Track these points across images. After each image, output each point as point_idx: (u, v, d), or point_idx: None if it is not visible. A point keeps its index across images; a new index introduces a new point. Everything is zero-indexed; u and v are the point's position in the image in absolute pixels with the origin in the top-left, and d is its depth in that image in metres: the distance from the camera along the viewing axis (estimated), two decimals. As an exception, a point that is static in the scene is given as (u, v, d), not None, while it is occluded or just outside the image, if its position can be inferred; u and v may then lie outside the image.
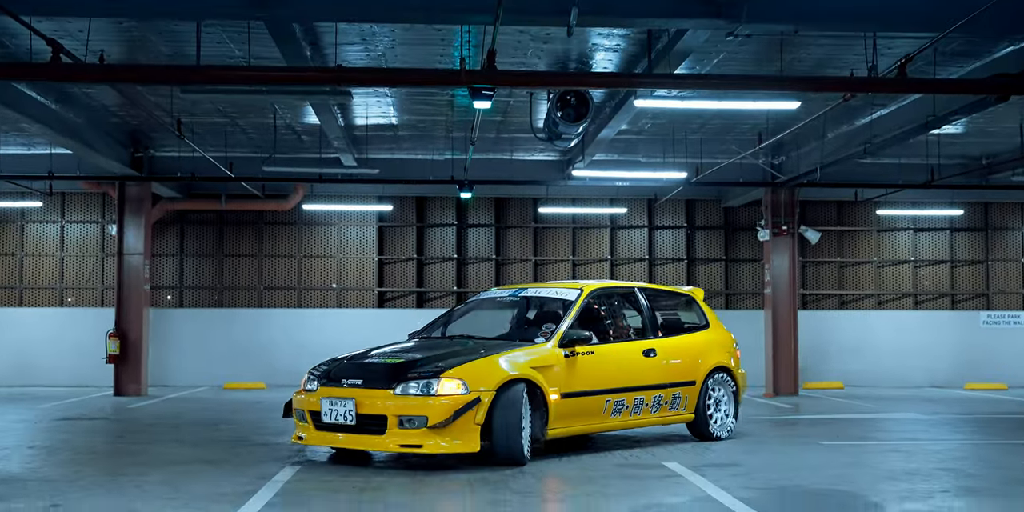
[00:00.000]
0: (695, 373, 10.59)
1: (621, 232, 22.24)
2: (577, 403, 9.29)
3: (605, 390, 9.58)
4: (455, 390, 8.39)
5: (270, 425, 12.46)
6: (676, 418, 10.50)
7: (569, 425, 9.29)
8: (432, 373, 8.51)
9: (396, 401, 8.47)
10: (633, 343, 10.21)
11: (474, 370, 8.60)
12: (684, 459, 9.26)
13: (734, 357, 11.24)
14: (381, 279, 21.80)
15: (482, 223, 22.04)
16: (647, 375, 10.07)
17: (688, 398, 10.50)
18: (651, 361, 10.16)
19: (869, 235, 22.46)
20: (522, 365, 8.86)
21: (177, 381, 20.61)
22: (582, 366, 9.37)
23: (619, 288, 11.03)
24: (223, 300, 21.63)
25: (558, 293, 10.24)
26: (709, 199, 22.10)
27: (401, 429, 8.38)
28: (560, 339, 9.31)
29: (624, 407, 9.80)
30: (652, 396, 10.08)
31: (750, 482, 7.97)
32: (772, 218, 18.71)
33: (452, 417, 8.28)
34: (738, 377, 11.17)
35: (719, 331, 11.39)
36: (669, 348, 10.43)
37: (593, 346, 9.58)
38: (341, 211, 21.67)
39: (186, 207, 20.93)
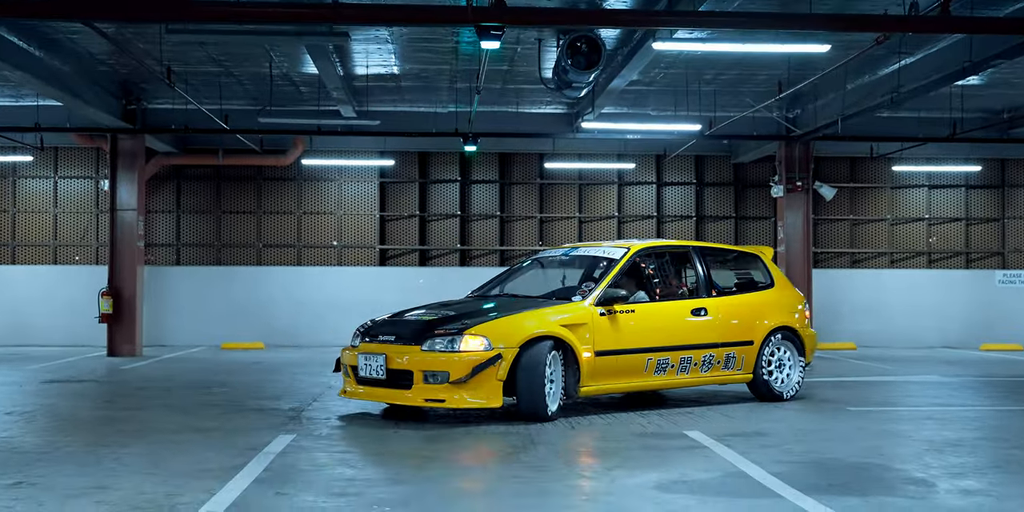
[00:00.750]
0: (753, 333, 10.31)
1: (629, 189, 21.41)
2: (613, 361, 9.19)
3: (646, 349, 9.43)
4: (477, 347, 8.50)
5: (267, 388, 11.74)
6: (731, 378, 10.24)
7: (605, 383, 9.21)
8: (457, 330, 8.64)
9: (422, 357, 8.64)
10: (680, 302, 9.97)
11: (498, 328, 8.69)
12: (708, 427, 8.54)
13: (801, 317, 10.82)
14: (383, 236, 21.02)
15: (486, 179, 21.21)
16: (695, 334, 9.85)
17: (745, 358, 10.23)
18: (701, 321, 9.93)
19: (882, 192, 21.64)
20: (551, 323, 8.86)
21: (174, 341, 19.90)
22: (619, 325, 9.27)
23: (671, 247, 10.69)
24: (221, 258, 20.86)
25: (605, 252, 10.08)
26: (719, 155, 21.26)
27: (426, 384, 8.57)
28: (597, 298, 9.22)
29: (669, 366, 9.62)
30: (702, 355, 9.85)
31: (781, 455, 7.24)
32: (786, 174, 17.87)
33: (471, 373, 8.42)
34: (805, 337, 10.74)
35: (784, 290, 10.97)
36: (722, 308, 10.17)
37: (634, 305, 9.50)
38: (341, 166, 20.84)
39: (182, 162, 20.11)
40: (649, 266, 10.10)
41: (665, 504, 5.67)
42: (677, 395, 11.04)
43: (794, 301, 10.92)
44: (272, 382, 12.51)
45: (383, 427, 8.57)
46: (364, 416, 9.27)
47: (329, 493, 5.94)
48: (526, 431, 8.32)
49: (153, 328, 19.81)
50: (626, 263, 9.76)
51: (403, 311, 9.96)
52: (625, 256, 9.82)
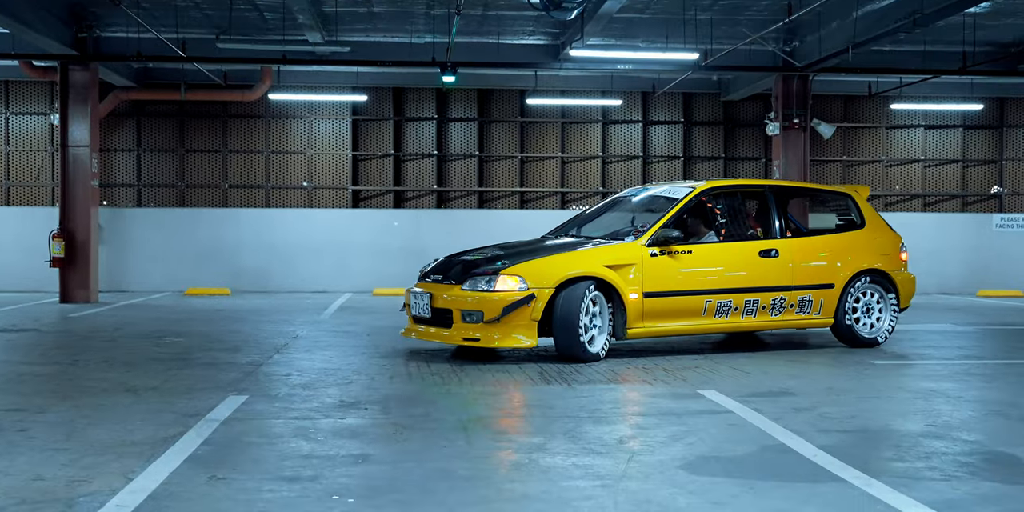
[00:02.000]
0: (834, 276, 9.69)
1: (613, 128, 19.99)
2: (665, 303, 8.87)
3: (704, 290, 9.04)
4: (512, 287, 8.37)
5: (226, 338, 10.38)
6: (807, 322, 9.66)
7: (655, 324, 8.89)
8: (494, 270, 8.52)
9: (461, 296, 8.54)
10: (748, 243, 9.42)
11: (535, 268, 8.54)
12: (727, 386, 7.27)
13: (894, 259, 10.09)
14: (355, 177, 19.56)
15: (464, 117, 19.73)
16: (764, 277, 9.32)
17: (823, 302, 9.64)
18: (770, 262, 9.37)
19: (877, 132, 20.33)
20: (592, 263, 8.62)
21: (135, 287, 18.46)
22: (673, 266, 8.92)
23: (744, 187, 10.07)
24: (185, 199, 19.36)
25: (670, 192, 9.64)
26: (708, 92, 19.84)
27: (464, 323, 8.50)
28: (649, 238, 8.88)
29: (731, 309, 9.16)
30: (771, 298, 9.34)
31: (820, 421, 5.97)
32: (783, 110, 16.48)
33: (503, 312, 8.26)
34: (898, 281, 10.02)
35: (876, 231, 10.17)
36: (797, 249, 9.58)
37: (693, 245, 9.15)
38: (312, 102, 19.29)
39: (142, 97, 18.50)
40: (716, 206, 9.53)
41: (701, 492, 4.38)
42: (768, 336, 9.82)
43: (887, 243, 10.13)
44: (233, 332, 11.16)
45: (352, 382, 7.26)
46: (334, 372, 7.95)
47: (278, 476, 4.63)
48: (555, 375, 7.02)
49: (113, 273, 18.37)
50: (687, 203, 9.29)
51: (463, 251, 9.65)
52: (687, 196, 9.33)
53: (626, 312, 8.64)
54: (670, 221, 9.07)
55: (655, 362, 8.65)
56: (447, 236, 18.40)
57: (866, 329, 9.79)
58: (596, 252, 8.78)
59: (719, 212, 9.51)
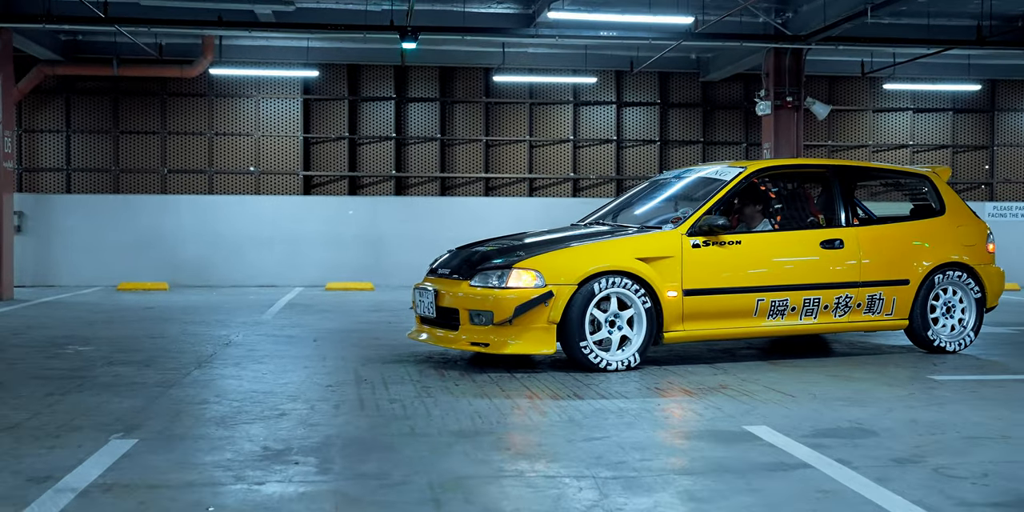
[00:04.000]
0: (908, 270, 8.09)
1: (585, 109, 18.06)
2: (710, 302, 7.31)
3: (755, 288, 7.46)
4: (527, 283, 6.89)
5: (142, 347, 8.31)
6: (877, 324, 8.02)
7: (698, 327, 7.32)
8: (507, 264, 7.04)
9: (468, 293, 7.06)
10: (807, 232, 7.86)
11: (555, 261, 7.03)
12: (779, 419, 5.36)
13: (979, 251, 8.42)
14: (307, 161, 17.48)
15: (425, 96, 17.70)
16: (826, 271, 7.76)
17: (896, 300, 8.03)
18: (834, 254, 7.79)
19: (864, 116, 18.56)
20: (622, 256, 7.08)
21: (65, 280, 16.28)
22: (719, 258, 7.36)
23: (802, 167, 8.70)
24: (119, 185, 17.17)
25: (718, 173, 7.97)
26: (686, 72, 17.96)
27: (472, 325, 7.00)
28: (691, 226, 7.33)
29: (788, 309, 7.58)
30: (834, 296, 7.74)
31: (947, 485, 4.05)
32: (775, 88, 14.61)
33: (515, 313, 6.77)
34: (984, 276, 8.35)
35: (958, 219, 8.49)
36: (866, 239, 7.96)
37: (742, 235, 7.57)
38: (258, 78, 17.18)
39: (70, 72, 16.29)
40: (771, 190, 8.15)
41: None
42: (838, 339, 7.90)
43: (971, 232, 8.47)
44: (154, 338, 9.10)
45: (284, 415, 5.26)
46: (264, 397, 5.94)
47: None
48: (555, 398, 5.06)
49: (38, 266, 16.20)
50: (736, 187, 7.69)
51: (478, 241, 8.06)
52: (736, 178, 7.72)
53: (662, 313, 7.10)
54: (715, 207, 7.49)
55: (667, 376, 6.73)
56: (406, 225, 16.44)
57: (945, 331, 8.20)
58: (627, 242, 7.27)
59: (774, 196, 8.11)
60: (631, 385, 6.44)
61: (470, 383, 6.51)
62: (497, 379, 6.68)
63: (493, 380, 6.64)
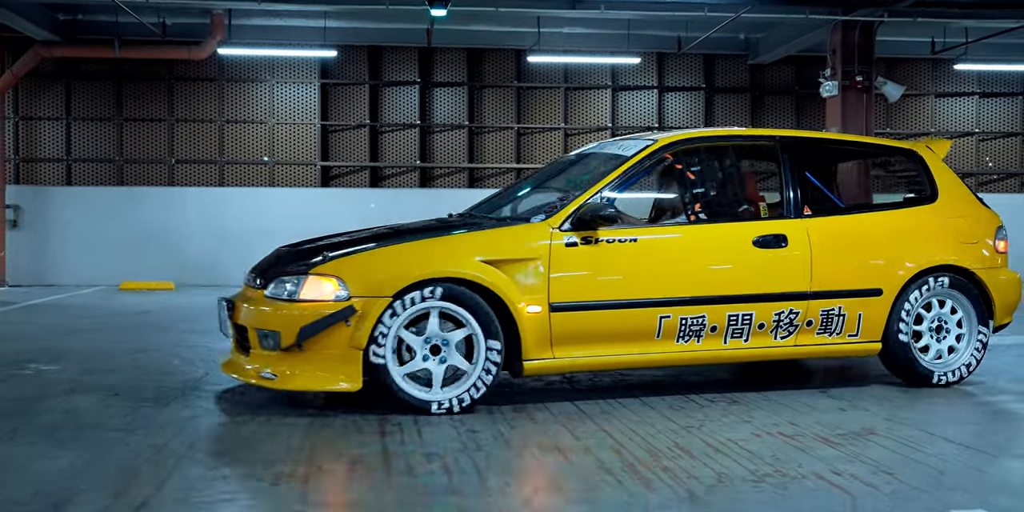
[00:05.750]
0: (882, 276, 5.87)
1: (624, 95, 16.33)
2: (589, 320, 5.28)
3: (656, 300, 5.38)
4: (327, 293, 4.96)
5: (118, 367, 6.64)
6: (835, 348, 5.82)
7: (575, 354, 5.27)
8: (307, 267, 5.11)
9: (258, 306, 5.17)
10: (734, 226, 5.72)
11: (364, 265, 5.09)
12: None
13: (986, 250, 6.16)
14: (325, 151, 15.82)
15: (452, 81, 16.00)
16: (761, 277, 5.62)
17: (864, 317, 5.81)
18: (773, 255, 5.65)
19: (925, 101, 16.76)
20: (459, 258, 5.13)
21: (63, 279, 14.67)
22: (604, 261, 5.33)
23: (735, 139, 6.40)
24: (123, 176, 15.56)
25: (621, 148, 5.86)
26: (734, 54, 16.20)
27: (263, 349, 5.09)
28: (565, 218, 5.30)
29: (706, 328, 5.48)
30: (773, 312, 5.60)
31: None
32: (842, 67, 12.81)
33: (299, 336, 4.86)
34: (990, 284, 6.10)
35: (956, 208, 6.21)
36: (820, 234, 5.78)
37: (640, 229, 5.59)
38: (272, 60, 15.52)
39: (69, 54, 14.65)
40: (691, 169, 5.89)
41: None
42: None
43: (973, 225, 6.16)
44: (138, 352, 7.44)
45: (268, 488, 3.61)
46: (258, 442, 4.28)
47: None
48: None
49: (35, 264, 14.62)
50: (637, 165, 5.61)
51: (328, 235, 6.06)
52: (637, 154, 5.65)
53: (520, 335, 5.11)
54: (602, 193, 5.44)
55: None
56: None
57: (936, 361, 5.99)
58: (470, 240, 5.31)
59: (693, 178, 5.92)
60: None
61: (528, 423, 4.83)
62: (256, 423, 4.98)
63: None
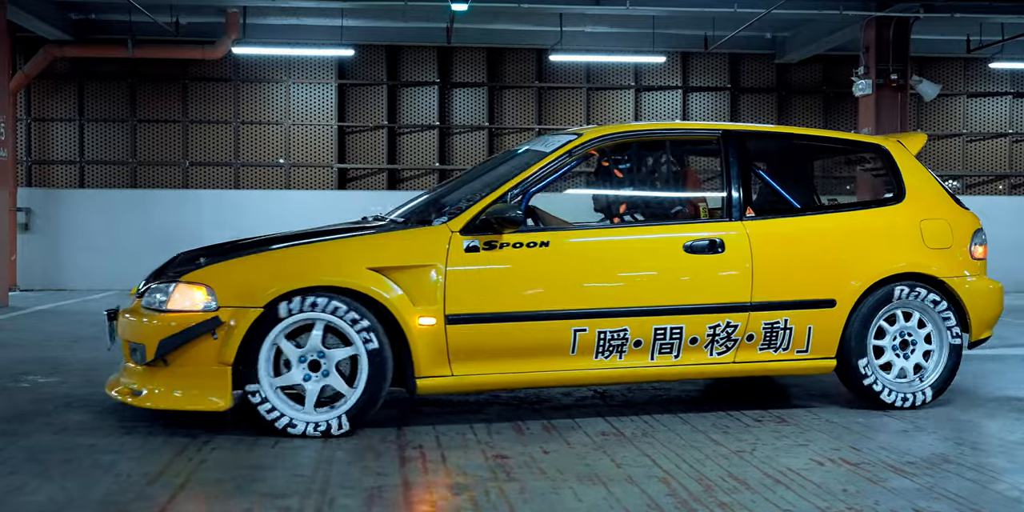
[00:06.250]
0: (836, 285, 5.16)
1: (647, 95, 15.85)
2: (492, 333, 4.67)
3: (571, 312, 4.77)
4: (195, 303, 4.46)
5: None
6: (782, 365, 5.10)
7: (477, 371, 4.66)
8: (178, 274, 4.59)
9: (130, 317, 4.67)
10: (661, 229, 5.08)
11: (236, 272, 4.55)
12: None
13: (960, 256, 5.40)
14: (342, 153, 15.39)
15: (472, 81, 15.56)
16: (693, 286, 4.95)
17: (815, 330, 5.11)
18: (708, 261, 4.98)
19: (956, 101, 16.21)
20: (344, 264, 4.57)
21: (76, 283, 14.30)
22: (511, 268, 4.72)
23: (675, 133, 5.74)
24: (137, 179, 15.18)
25: (544, 144, 5.26)
26: (760, 53, 15.71)
27: (134, 363, 4.64)
28: (469, 220, 4.71)
29: (628, 343, 4.84)
30: (707, 324, 4.95)
31: None
32: (876, 64, 12.30)
33: (159, 350, 4.41)
34: (963, 294, 5.34)
35: (925, 209, 5.45)
36: (763, 239, 5.09)
37: (553, 233, 4.86)
38: (289, 59, 15.13)
39: (82, 54, 14.29)
40: (618, 167, 5.46)
41: None
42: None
43: (943, 228, 5.41)
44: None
45: None
46: (259, 470, 3.82)
47: None
48: None
49: (47, 268, 14.25)
50: (555, 162, 4.96)
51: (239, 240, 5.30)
52: (557, 150, 5.02)
53: (411, 350, 4.55)
54: (512, 192, 4.80)
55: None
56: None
57: (896, 380, 5.25)
58: (359, 245, 4.70)
59: (621, 176, 5.42)
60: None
61: (562, 446, 4.35)
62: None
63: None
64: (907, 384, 5.25)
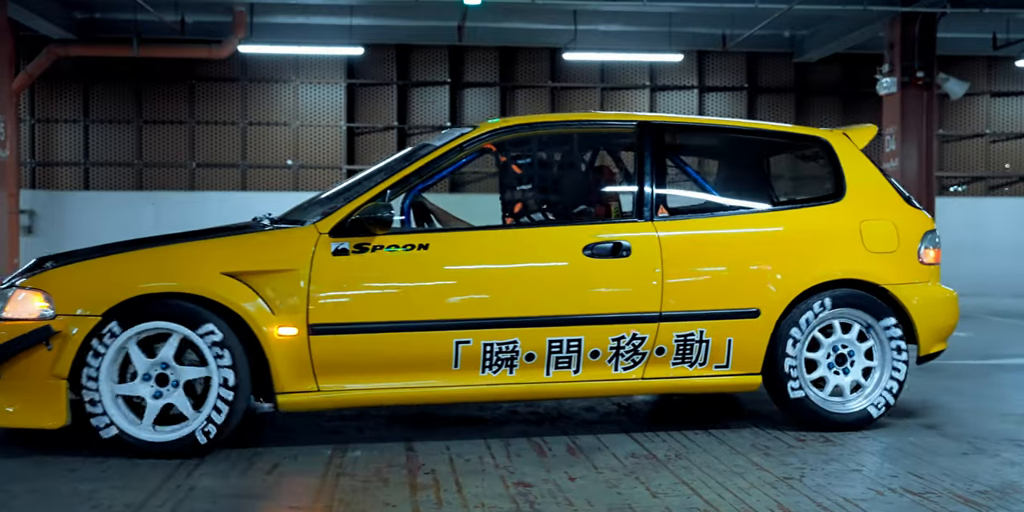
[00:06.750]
0: (759, 293, 4.57)
1: (662, 95, 15.41)
2: (363, 345, 4.19)
3: (453, 321, 4.25)
4: (32, 310, 4.00)
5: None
6: (702, 381, 4.55)
7: (347, 386, 4.18)
8: (18, 279, 4.17)
9: None
10: (559, 230, 4.57)
11: (76, 277, 4.11)
12: None
13: (905, 261, 4.76)
14: (351, 154, 14.99)
15: (483, 81, 15.14)
16: (595, 294, 4.41)
17: (735, 343, 4.53)
18: (611, 266, 4.43)
19: (978, 101, 15.73)
20: (193, 269, 4.11)
21: (79, 287, 13.88)
22: (383, 272, 4.23)
23: (583, 125, 5.04)
24: (143, 181, 14.79)
25: (444, 136, 4.75)
26: (778, 52, 15.25)
27: None
28: (338, 221, 4.23)
29: (519, 357, 4.30)
30: (610, 337, 4.38)
31: None
32: (901, 62, 11.83)
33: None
34: (909, 303, 4.71)
35: (867, 209, 4.82)
36: (675, 242, 4.53)
37: (433, 234, 4.42)
38: (297, 59, 14.73)
39: (86, 53, 13.90)
40: (516, 162, 4.83)
41: None
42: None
43: (886, 230, 4.79)
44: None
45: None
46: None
47: None
48: None
49: (50, 271, 13.82)
50: (443, 157, 4.52)
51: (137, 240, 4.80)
52: (448, 144, 4.56)
53: (272, 363, 4.09)
54: (392, 190, 4.32)
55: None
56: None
57: (827, 395, 4.66)
58: (217, 248, 4.26)
59: (520, 172, 4.84)
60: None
61: (589, 471, 3.91)
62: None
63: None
64: (840, 403, 4.65)
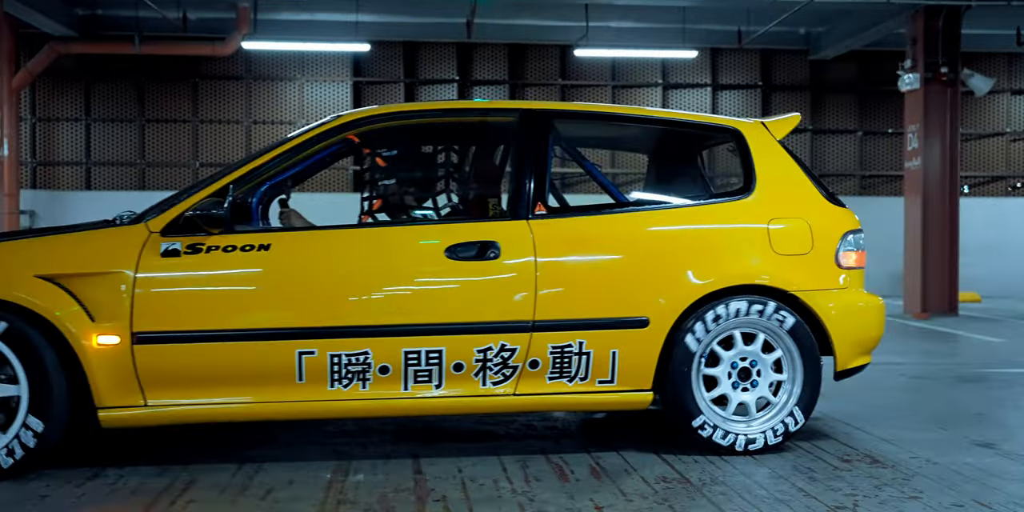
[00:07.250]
0: (649, 299, 4.03)
1: (675, 93, 14.99)
2: (193, 355, 3.71)
3: (296, 330, 3.77)
4: None
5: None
6: (583, 398, 4.01)
7: (179, 399, 3.72)
8: None
9: None
10: (418, 229, 4.08)
11: None
12: None
13: (820, 265, 4.21)
14: (357, 154, 14.54)
15: (493, 78, 14.73)
16: (459, 301, 3.90)
17: (620, 356, 3.98)
18: (477, 269, 3.91)
19: (998, 99, 15.28)
20: (9, 271, 3.66)
21: (80, 289, 13.50)
22: (216, 275, 3.77)
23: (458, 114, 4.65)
24: (146, 180, 14.41)
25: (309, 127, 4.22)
26: (792, 49, 14.83)
27: None
28: (173, 219, 3.78)
29: (372, 370, 3.81)
30: (475, 348, 3.87)
31: None
32: (924, 57, 11.39)
33: None
34: (824, 312, 4.18)
35: (776, 206, 4.26)
36: (553, 242, 4.00)
37: (276, 234, 3.87)
38: (302, 55, 14.34)
39: (88, 50, 13.54)
40: (381, 155, 4.47)
41: None
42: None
43: (804, 229, 4.23)
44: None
45: None
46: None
47: None
48: None
49: (50, 273, 13.45)
50: (295, 149, 4.04)
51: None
52: (304, 134, 4.09)
53: (90, 375, 3.65)
54: (235, 186, 3.86)
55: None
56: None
57: (731, 415, 4.14)
58: (30, 248, 3.82)
59: (384, 166, 4.45)
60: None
61: (617, 498, 3.49)
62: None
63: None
64: (745, 424, 4.14)
